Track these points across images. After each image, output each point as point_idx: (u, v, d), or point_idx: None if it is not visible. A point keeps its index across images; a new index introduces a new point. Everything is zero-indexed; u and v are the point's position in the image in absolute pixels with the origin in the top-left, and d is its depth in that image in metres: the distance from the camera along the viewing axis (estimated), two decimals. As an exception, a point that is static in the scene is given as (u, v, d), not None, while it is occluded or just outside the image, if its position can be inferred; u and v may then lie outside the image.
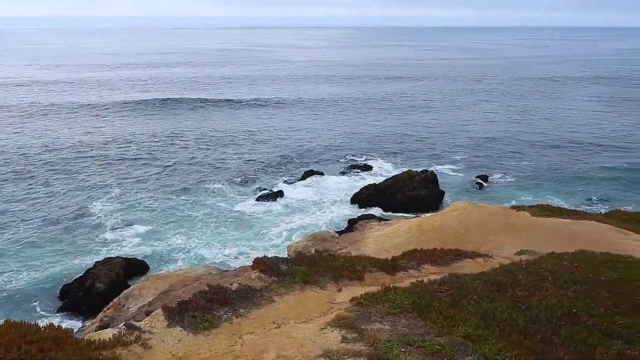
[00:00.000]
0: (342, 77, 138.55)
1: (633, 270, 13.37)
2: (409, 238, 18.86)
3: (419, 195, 47.24)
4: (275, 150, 65.21)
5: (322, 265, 12.18)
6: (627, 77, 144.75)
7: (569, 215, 20.30)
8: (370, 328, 8.90)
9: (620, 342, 9.54)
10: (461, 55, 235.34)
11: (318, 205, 47.63)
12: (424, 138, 72.34)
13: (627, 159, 62.41)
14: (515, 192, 50.90)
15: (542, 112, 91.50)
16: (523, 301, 10.67)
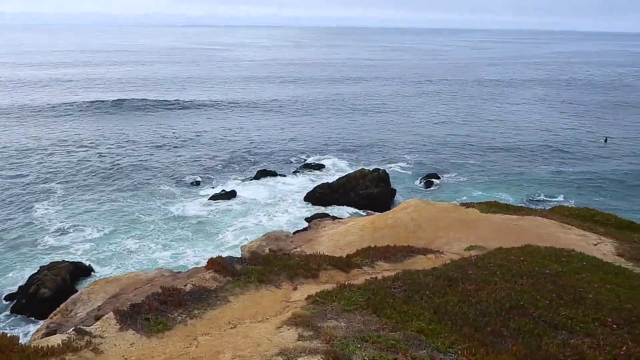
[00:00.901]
0: (293, 77, 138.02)
1: (575, 263, 13.98)
2: (363, 236, 19.07)
3: (371, 194, 47.85)
4: (227, 150, 64.59)
5: (277, 264, 12.17)
6: (565, 79, 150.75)
7: (515, 212, 21.04)
8: (326, 325, 8.95)
9: (564, 332, 9.95)
10: (409, 56, 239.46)
11: (272, 204, 47.52)
12: (375, 138, 73.23)
13: (568, 158, 65.15)
14: (464, 189, 52.28)
15: (488, 113, 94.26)
16: (473, 295, 10.96)
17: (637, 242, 18.96)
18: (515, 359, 8.44)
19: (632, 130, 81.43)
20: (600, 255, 15.93)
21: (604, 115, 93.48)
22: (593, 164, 62.62)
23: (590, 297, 11.73)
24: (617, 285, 12.94)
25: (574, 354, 9.09)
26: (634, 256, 16.52)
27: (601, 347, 9.44)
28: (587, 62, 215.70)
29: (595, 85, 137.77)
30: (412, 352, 8.07)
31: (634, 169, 60.66)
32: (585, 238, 17.98)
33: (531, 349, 8.97)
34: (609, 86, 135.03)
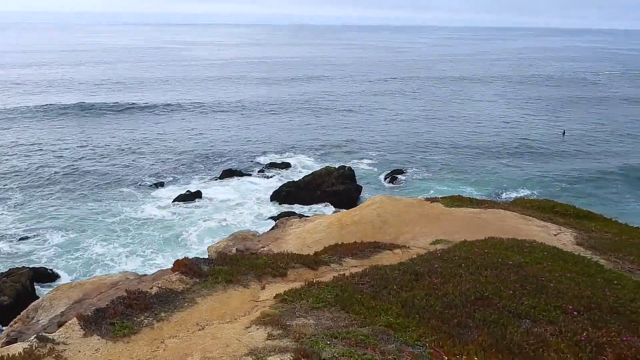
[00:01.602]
0: (254, 77, 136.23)
1: (536, 253, 14.35)
2: (330, 233, 19.13)
3: (338, 191, 48.07)
4: (191, 151, 63.80)
5: (245, 264, 12.10)
6: (524, 75, 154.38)
7: (478, 205, 21.45)
8: (295, 324, 8.96)
9: (528, 320, 10.22)
10: (370, 54, 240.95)
11: (238, 204, 47.22)
12: (340, 136, 73.55)
13: (529, 151, 66.86)
14: (429, 184, 53.06)
15: (451, 110, 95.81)
16: (439, 288, 11.14)
17: (594, 231, 19.60)
18: (481, 349, 8.61)
19: (587, 123, 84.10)
20: (560, 245, 16.38)
21: (562, 110, 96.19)
22: (552, 156, 64.42)
23: (552, 286, 12.07)
24: (577, 274, 13.35)
25: (537, 342, 9.35)
26: (591, 245, 17.06)
27: (563, 334, 9.74)
28: (546, 58, 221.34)
29: (552, 80, 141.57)
30: (381, 347, 8.15)
31: (589, 160, 62.74)
32: (545, 229, 18.47)
33: (496, 339, 9.18)
34: (566, 81, 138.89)
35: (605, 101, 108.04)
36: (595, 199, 49.48)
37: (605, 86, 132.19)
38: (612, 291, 12.57)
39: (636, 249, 17.49)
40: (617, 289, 12.89)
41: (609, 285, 12.99)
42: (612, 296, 12.18)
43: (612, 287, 12.89)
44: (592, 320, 10.59)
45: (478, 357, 8.13)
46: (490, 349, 8.70)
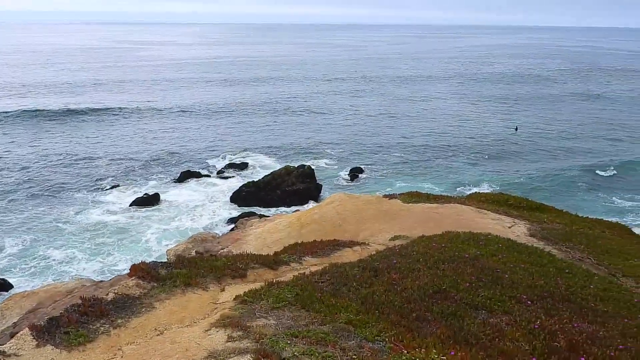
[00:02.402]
0: (213, 78, 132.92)
1: (491, 245, 14.72)
2: (290, 232, 19.13)
3: (298, 190, 48.04)
4: (148, 154, 62.47)
5: (204, 266, 11.97)
6: (479, 73, 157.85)
7: (435, 200, 21.85)
8: (255, 324, 8.91)
9: (484, 311, 10.47)
10: (329, 52, 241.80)
11: (197, 206, 46.61)
12: (299, 136, 73.48)
13: (483, 146, 68.46)
14: (388, 181, 53.65)
15: (409, 107, 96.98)
16: (398, 283, 11.29)
17: (546, 222, 20.25)
18: (439, 341, 8.77)
19: (538, 119, 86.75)
20: (514, 237, 16.85)
21: (514, 106, 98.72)
22: (506, 151, 66.16)
23: (507, 277, 12.41)
24: (530, 264, 13.77)
25: (493, 332, 9.59)
26: (544, 236, 17.62)
27: (518, 323, 10.03)
28: (501, 55, 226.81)
29: (506, 77, 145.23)
30: (341, 344, 8.20)
31: (541, 154, 64.80)
32: (500, 221, 18.97)
33: (454, 331, 9.37)
34: (518, 78, 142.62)
35: (556, 97, 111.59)
36: (547, 192, 51.10)
37: (556, 82, 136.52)
38: (564, 280, 13.02)
39: (586, 238, 18.18)
40: (569, 277, 13.36)
41: (560, 274, 13.45)
42: (564, 284, 12.62)
43: (564, 276, 13.35)
44: (545, 308, 10.95)
45: (436, 350, 8.26)
46: (449, 341, 8.88)
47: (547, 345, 9.18)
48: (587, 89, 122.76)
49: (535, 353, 8.86)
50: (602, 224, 22.33)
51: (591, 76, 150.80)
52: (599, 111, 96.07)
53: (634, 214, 47.57)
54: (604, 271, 15.18)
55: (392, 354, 8.08)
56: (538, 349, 8.97)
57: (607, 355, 9.05)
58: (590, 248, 16.97)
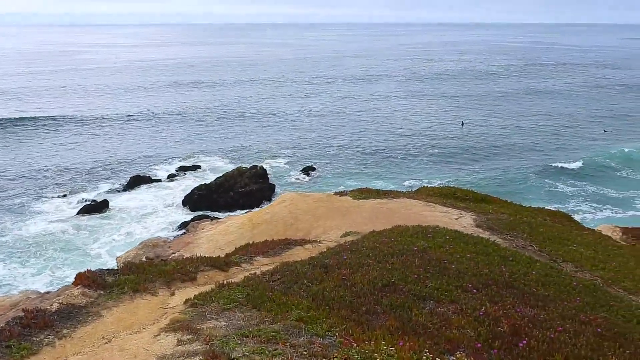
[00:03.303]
0: (159, 82, 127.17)
1: (439, 237, 15.12)
2: (242, 233, 19.06)
3: (251, 191, 47.83)
4: (95, 161, 60.57)
5: (152, 271, 11.79)
6: (425, 70, 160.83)
7: (385, 195, 22.22)
8: (205, 327, 8.87)
9: (432, 301, 10.76)
10: (276, 51, 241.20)
11: (148, 211, 45.69)
12: (250, 137, 73.05)
13: (431, 141, 70.02)
14: (340, 179, 54.09)
15: (358, 106, 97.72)
16: (349, 279, 11.44)
17: (492, 213, 20.94)
18: (388, 333, 8.96)
19: (483, 114, 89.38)
20: (461, 228, 17.34)
21: (460, 102, 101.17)
22: (453, 146, 67.83)
23: (453, 267, 12.78)
24: (476, 254, 14.22)
25: (440, 321, 9.88)
26: (489, 226, 18.21)
27: (464, 311, 10.36)
28: (447, 52, 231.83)
29: (451, 74, 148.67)
30: (291, 341, 8.26)
31: (485, 147, 66.82)
32: (447, 214, 19.48)
33: (403, 322, 9.59)
34: (463, 74, 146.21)
35: (499, 93, 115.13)
36: (493, 183, 52.75)
37: (499, 78, 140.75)
38: (508, 267, 13.52)
39: (528, 227, 18.91)
40: (512, 265, 13.88)
41: (504, 262, 13.96)
42: (508, 272, 13.11)
43: (507, 264, 13.87)
44: (490, 295, 11.36)
45: (385, 341, 8.44)
46: (397, 332, 9.08)
47: (491, 331, 9.53)
48: (527, 84, 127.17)
49: (480, 339, 9.18)
50: (544, 212, 23.26)
51: (532, 71, 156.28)
52: (539, 105, 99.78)
53: (575, 199, 49.79)
54: (545, 257, 15.83)
55: (342, 348, 8.20)
56: (483, 335, 9.30)
57: (547, 337, 9.48)
58: (532, 236, 17.65)
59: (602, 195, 51.27)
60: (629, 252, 18.64)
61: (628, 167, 59.03)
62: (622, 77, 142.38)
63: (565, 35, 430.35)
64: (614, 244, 19.91)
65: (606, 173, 57.32)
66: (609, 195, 51.16)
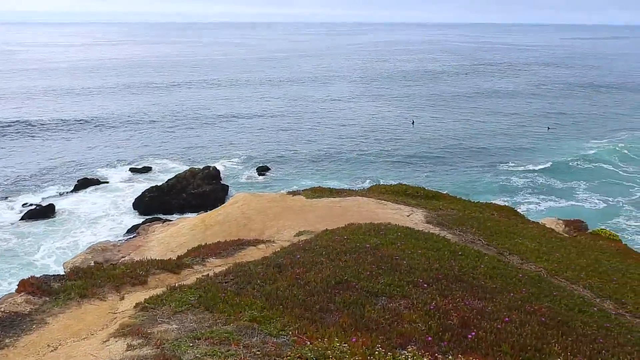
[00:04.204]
0: (107, 83, 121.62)
1: (391, 234, 15.34)
2: (195, 235, 18.80)
3: (204, 192, 47.22)
4: (41, 164, 58.15)
5: (101, 276, 11.50)
6: (374, 70, 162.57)
7: (338, 194, 22.38)
8: (156, 330, 8.72)
9: (384, 297, 10.92)
10: (230, 50, 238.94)
11: (97, 215, 44.39)
12: (202, 138, 71.99)
13: (384, 140, 71.00)
14: (294, 179, 54.08)
15: (310, 105, 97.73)
16: (302, 277, 11.48)
17: (442, 209, 21.42)
18: (341, 330, 9.06)
19: (432, 113, 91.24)
20: (412, 224, 17.65)
21: (410, 102, 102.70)
22: (404, 144, 68.94)
23: (405, 263, 13.00)
24: (427, 250, 14.50)
25: (392, 316, 10.04)
26: (439, 222, 18.62)
27: (415, 306, 10.57)
28: (398, 52, 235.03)
29: (402, 73, 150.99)
30: (244, 341, 8.23)
31: (436, 145, 68.28)
32: (399, 211, 19.79)
33: (355, 318, 9.71)
34: (414, 74, 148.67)
35: (449, 92, 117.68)
36: (443, 179, 54.01)
37: (447, 78, 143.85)
38: (457, 262, 13.86)
39: (477, 222, 19.44)
40: (461, 259, 14.24)
41: (454, 257, 14.30)
42: (457, 266, 13.44)
43: (457, 258, 14.21)
44: (440, 289, 11.62)
45: (339, 338, 8.52)
46: (350, 329, 9.19)
47: (441, 324, 9.76)
48: (475, 84, 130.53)
49: (430, 332, 9.39)
50: (491, 207, 23.98)
51: (480, 70, 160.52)
52: (487, 104, 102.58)
53: (522, 192, 51.65)
54: (493, 251, 16.32)
55: (296, 347, 8.22)
56: (433, 328, 9.52)
57: (495, 327, 9.79)
58: (480, 230, 18.16)
59: (547, 187, 53.45)
60: (570, 243, 19.45)
61: (569, 161, 61.68)
62: (564, 75, 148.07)
63: (511, 35, 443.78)
64: (557, 236, 20.73)
65: (550, 167, 59.65)
66: (553, 187, 53.41)
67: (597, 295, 14.32)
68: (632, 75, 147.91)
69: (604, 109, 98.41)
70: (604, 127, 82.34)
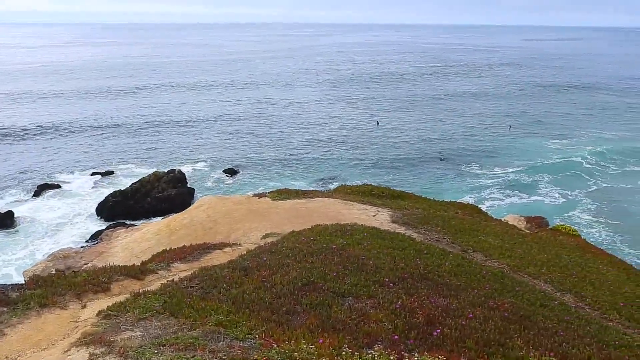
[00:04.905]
0: (67, 88, 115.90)
1: (357, 235, 15.44)
2: (160, 240, 18.52)
3: (169, 196, 46.57)
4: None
5: (62, 284, 11.21)
6: (339, 71, 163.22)
7: (304, 195, 22.40)
8: (120, 338, 8.56)
9: (351, 298, 10.98)
10: (195, 50, 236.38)
11: (58, 221, 43.26)
12: (166, 141, 70.91)
13: (349, 141, 71.39)
14: (261, 181, 53.85)
15: (279, 109, 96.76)
16: (268, 280, 11.44)
17: (407, 208, 21.66)
18: (308, 331, 9.06)
19: (396, 114, 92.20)
20: (378, 224, 17.80)
21: (376, 104, 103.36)
22: (370, 145, 69.44)
23: (371, 263, 13.11)
24: (392, 249, 14.66)
25: (359, 316, 10.10)
26: (405, 221, 18.82)
27: (381, 305, 10.66)
28: (361, 53, 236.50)
29: (366, 75, 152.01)
30: (210, 346, 8.15)
31: (401, 145, 69.06)
32: (365, 211, 19.93)
33: (322, 319, 9.73)
34: (377, 77, 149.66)
35: (413, 93, 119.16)
36: (408, 179, 54.66)
37: (410, 79, 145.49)
38: (422, 260, 14.05)
39: (441, 220, 19.73)
40: (427, 257, 14.44)
41: (419, 256, 14.49)
42: (422, 264, 13.62)
43: (422, 257, 14.40)
44: (406, 288, 11.75)
45: (306, 340, 8.53)
46: (317, 330, 9.20)
47: (407, 322, 9.87)
48: (439, 85, 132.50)
49: (397, 331, 9.49)
50: (455, 205, 24.37)
51: (443, 71, 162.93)
52: (450, 104, 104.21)
53: (487, 189, 52.75)
54: (457, 249, 16.59)
55: (263, 350, 8.19)
56: (399, 327, 9.62)
57: (459, 324, 9.97)
58: (445, 229, 18.44)
59: (509, 184, 54.73)
60: (532, 239, 19.93)
61: (530, 159, 63.35)
62: (524, 76, 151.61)
63: (476, 37, 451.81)
64: (519, 232, 21.21)
65: (512, 164, 61.10)
66: (515, 184, 54.72)
67: (557, 289, 14.72)
68: (589, 76, 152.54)
69: (563, 108, 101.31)
70: (563, 125, 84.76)
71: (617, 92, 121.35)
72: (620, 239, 41.57)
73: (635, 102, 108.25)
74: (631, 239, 41.10)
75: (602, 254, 20.72)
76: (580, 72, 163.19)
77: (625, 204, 49.76)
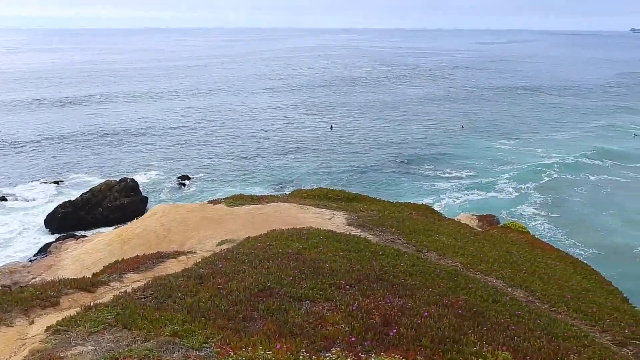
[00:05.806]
0: (11, 97, 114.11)
1: (313, 239, 15.47)
2: (112, 250, 18.05)
3: (122, 205, 45.48)
4: None
5: (7, 300, 10.78)
6: (291, 76, 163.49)
7: (259, 201, 22.30)
8: (70, 354, 8.29)
9: (308, 301, 10.98)
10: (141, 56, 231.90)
11: (3, 235, 41.53)
12: (120, 150, 69.11)
13: (304, 145, 71.56)
14: (217, 188, 53.28)
15: (234, 116, 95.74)
16: (224, 287, 11.32)
17: (362, 210, 21.86)
18: (265, 337, 9.01)
19: (349, 117, 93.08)
20: (334, 227, 17.88)
21: (329, 108, 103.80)
22: (324, 148, 69.82)
23: (327, 266, 13.15)
24: (348, 251, 14.75)
25: (316, 320, 10.12)
26: (360, 224, 18.99)
27: (338, 308, 10.71)
28: (313, 57, 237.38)
29: (320, 79, 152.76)
30: (165, 357, 8.00)
31: (355, 148, 69.79)
32: (321, 215, 20.00)
33: (279, 325, 9.69)
34: (331, 82, 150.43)
35: (365, 97, 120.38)
36: (363, 182, 55.17)
37: (364, 84, 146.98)
38: (378, 261, 14.20)
39: (396, 222, 20.00)
40: (382, 258, 14.59)
41: (375, 257, 14.64)
42: (378, 266, 13.76)
43: (378, 258, 14.55)
44: (362, 290, 11.85)
45: (263, 346, 8.48)
46: (275, 335, 9.16)
47: (364, 324, 9.95)
48: (391, 88, 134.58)
49: (354, 332, 9.54)
50: (409, 206, 24.76)
51: (395, 75, 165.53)
52: (404, 106, 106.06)
53: (440, 189, 53.88)
54: (412, 249, 16.85)
55: (219, 358, 8.11)
56: (356, 329, 9.68)
57: (415, 323, 10.12)
58: (400, 230, 18.70)
59: (462, 182, 56.14)
60: (483, 237, 20.46)
61: (483, 157, 65.25)
62: (474, 78, 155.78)
63: (424, 40, 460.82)
64: (471, 231, 21.74)
65: (465, 163, 62.67)
66: (468, 182, 56.18)
67: (508, 284, 15.15)
68: (532, 78, 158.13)
69: (512, 108, 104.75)
70: (513, 124, 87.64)
71: (557, 93, 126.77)
72: (561, 232, 43.40)
73: (577, 102, 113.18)
74: (569, 231, 43.12)
75: (550, 249, 21.46)
76: (524, 74, 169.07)
77: (567, 195, 52.20)
